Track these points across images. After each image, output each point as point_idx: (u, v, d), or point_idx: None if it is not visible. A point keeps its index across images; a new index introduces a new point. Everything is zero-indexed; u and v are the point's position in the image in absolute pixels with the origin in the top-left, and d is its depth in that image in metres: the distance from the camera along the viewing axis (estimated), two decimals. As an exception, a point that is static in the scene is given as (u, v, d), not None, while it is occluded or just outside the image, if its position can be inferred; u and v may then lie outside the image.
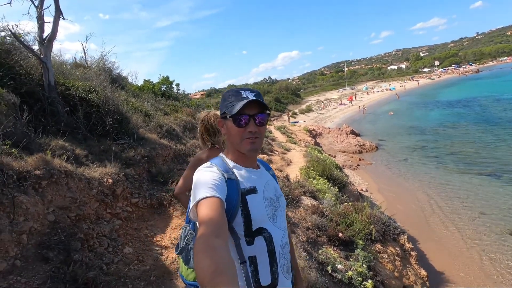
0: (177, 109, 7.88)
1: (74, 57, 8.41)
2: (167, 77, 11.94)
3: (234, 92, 1.12)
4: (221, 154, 1.19)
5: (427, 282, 3.79)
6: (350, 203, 4.43)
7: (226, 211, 0.95)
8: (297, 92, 58.68)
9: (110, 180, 2.85)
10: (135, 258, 2.28)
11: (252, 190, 1.08)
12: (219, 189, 0.98)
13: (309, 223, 3.54)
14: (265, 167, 1.27)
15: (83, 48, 8.51)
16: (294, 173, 5.70)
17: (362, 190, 11.00)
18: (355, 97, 50.72)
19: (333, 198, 4.49)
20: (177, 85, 12.63)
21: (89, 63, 8.10)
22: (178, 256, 1.34)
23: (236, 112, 1.05)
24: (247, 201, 1.04)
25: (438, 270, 6.25)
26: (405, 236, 4.09)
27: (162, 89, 10.39)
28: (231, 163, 1.13)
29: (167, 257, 2.45)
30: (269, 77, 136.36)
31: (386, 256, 3.67)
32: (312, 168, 6.18)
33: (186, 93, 16.87)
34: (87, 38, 8.70)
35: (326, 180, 5.67)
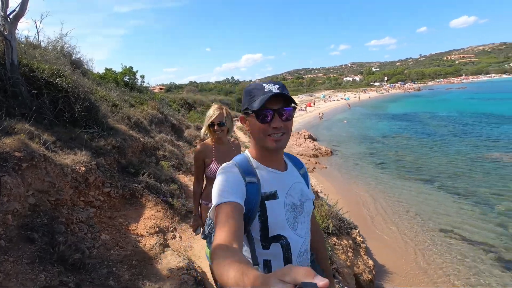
0: (142, 101, 7.66)
1: (26, 37, 7.68)
2: (131, 67, 11.46)
3: (257, 85, 1.06)
4: (246, 151, 1.14)
5: (373, 270, 4.32)
6: (310, 200, 4.81)
7: (244, 215, 0.94)
8: (259, 94, 59.46)
9: (83, 168, 2.79)
10: (114, 244, 2.29)
11: (273, 195, 1.03)
12: (238, 193, 0.95)
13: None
14: (296, 165, 1.22)
15: (36, 28, 7.82)
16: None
17: (318, 191, 11.73)
18: (314, 104, 53.31)
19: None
20: (142, 76, 12.18)
21: (44, 44, 7.46)
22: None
23: (259, 107, 0.99)
24: (266, 206, 1.00)
25: (380, 263, 7.01)
26: (357, 231, 4.59)
27: (125, 79, 9.95)
28: (254, 163, 1.08)
29: (145, 244, 2.50)
30: (232, 77, 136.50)
31: (341, 248, 4.10)
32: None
33: (149, 85, 16.29)
34: (41, 16, 8.01)
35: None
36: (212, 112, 2.25)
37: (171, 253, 2.42)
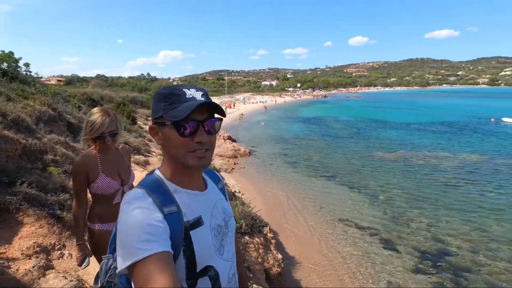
0: (27, 95, 6.37)
1: None
2: (11, 53, 9.41)
3: (175, 89, 0.88)
4: (157, 172, 0.93)
5: (282, 263, 4.65)
6: (225, 201, 4.85)
7: None
8: (178, 93, 57.19)
9: None
10: (-33, 276, 1.79)
11: (198, 222, 0.88)
12: (161, 237, 0.75)
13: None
14: (213, 179, 1.07)
15: None
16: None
17: (235, 192, 11.98)
18: (234, 105, 54.36)
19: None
20: (26, 65, 10.14)
21: None
22: None
23: (183, 116, 0.81)
24: (191, 237, 0.84)
25: (291, 254, 7.61)
26: (268, 228, 4.86)
27: (3, 67, 8.11)
28: (171, 186, 0.88)
29: (18, 270, 2.04)
30: (148, 74, 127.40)
31: (253, 245, 4.26)
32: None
33: (38, 76, 13.70)
34: None
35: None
36: (100, 120, 1.87)
37: (55, 276, 2.05)
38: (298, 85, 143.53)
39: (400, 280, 6.84)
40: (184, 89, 0.87)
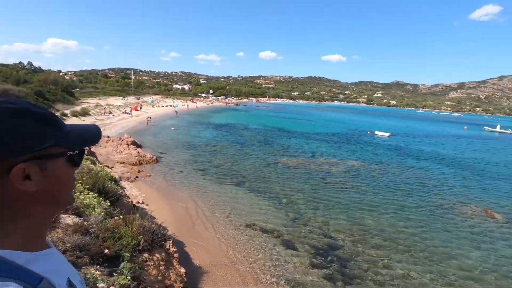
0: None
1: None
2: None
3: (46, 112, 0.67)
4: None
5: (185, 278, 4.44)
6: (121, 216, 4.34)
7: None
8: (70, 90, 49.32)
9: None
10: None
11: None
12: None
13: (68, 245, 3.11)
14: None
15: None
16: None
17: (138, 202, 10.95)
18: (141, 108, 50.24)
19: (102, 213, 4.20)
20: None
21: None
22: None
23: (95, 142, 0.73)
24: None
25: (197, 264, 7.39)
26: (171, 241, 4.57)
27: None
28: (21, 258, 0.62)
29: None
30: (30, 63, 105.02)
31: (152, 263, 3.92)
32: (80, 181, 5.45)
33: None
34: None
35: (97, 194, 5.20)
36: None
37: None
38: (211, 91, 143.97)
39: (298, 276, 7.50)
40: (38, 105, 0.71)
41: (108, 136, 21.72)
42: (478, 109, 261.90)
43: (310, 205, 12.65)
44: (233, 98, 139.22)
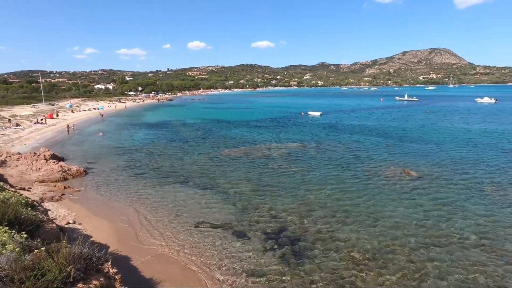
0: None
1: None
2: None
3: None
4: None
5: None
6: (43, 248, 3.73)
7: None
8: (-42, 103, 40.34)
9: None
10: None
11: None
12: None
13: (-30, 299, 2.53)
14: None
15: None
16: None
17: (69, 223, 9.72)
18: (57, 115, 44.09)
19: (16, 250, 3.55)
20: None
21: None
22: None
23: None
24: None
25: (148, 277, 6.94)
26: (109, 263, 4.13)
27: None
28: None
29: None
30: None
31: (90, 292, 3.49)
32: (-18, 215, 4.50)
33: None
34: None
35: (7, 227, 4.38)
36: None
37: None
38: (140, 88, 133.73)
39: (253, 265, 7.63)
40: None
41: (19, 153, 18.58)
42: (390, 82, 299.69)
43: (257, 192, 12.93)
44: (165, 94, 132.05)
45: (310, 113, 47.73)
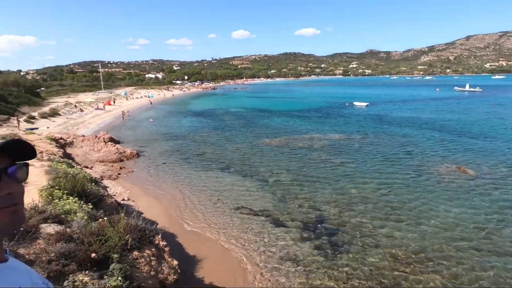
0: None
1: None
2: None
3: None
4: None
5: (178, 269, 4.49)
6: (105, 218, 4.27)
7: None
8: (35, 90, 46.41)
9: None
10: None
11: None
12: None
13: (52, 255, 3.04)
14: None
15: None
16: (29, 197, 4.57)
17: (124, 200, 10.79)
18: (114, 102, 48.30)
19: (85, 218, 4.11)
20: None
21: None
22: None
23: None
24: None
25: (190, 254, 7.49)
26: (159, 236, 4.57)
27: None
28: None
29: None
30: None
31: (143, 260, 3.93)
32: (57, 187, 5.25)
33: None
34: None
35: (77, 198, 5.06)
36: None
37: None
38: (186, 77, 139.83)
39: (289, 252, 7.77)
40: None
41: (83, 135, 20.87)
42: (448, 70, 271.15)
43: (296, 182, 12.93)
44: (209, 83, 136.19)
45: (355, 103, 45.59)
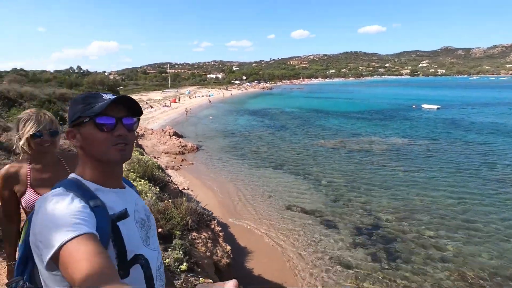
0: None
1: None
2: None
3: (92, 93, 0.95)
4: (73, 175, 0.93)
5: (231, 254, 4.76)
6: (170, 200, 4.74)
7: None
8: (115, 88, 53.07)
9: None
10: None
11: (124, 215, 0.91)
12: (88, 222, 0.76)
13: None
14: (128, 184, 1.11)
15: None
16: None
17: (184, 189, 11.70)
18: (179, 100, 52.40)
19: (153, 198, 4.63)
20: None
21: None
22: None
23: (98, 112, 0.86)
24: (119, 228, 0.87)
25: (241, 244, 7.80)
26: (215, 221, 4.90)
27: None
28: (91, 185, 0.90)
29: None
30: (79, 67, 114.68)
31: (200, 241, 4.27)
32: (132, 170, 6.01)
33: None
34: None
35: (147, 181, 5.72)
36: (35, 119, 1.64)
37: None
38: (244, 77, 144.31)
39: (340, 255, 7.53)
40: (100, 93, 0.94)
41: (152, 129, 23.17)
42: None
43: (352, 186, 12.39)
44: (266, 83, 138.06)
45: (424, 105, 41.42)
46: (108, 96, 0.92)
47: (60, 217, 0.74)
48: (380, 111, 39.02)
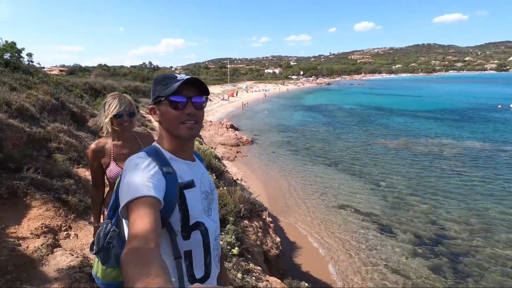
0: (30, 85, 6.47)
1: None
2: (13, 43, 9.46)
3: (169, 74, 1.07)
4: (155, 144, 1.09)
5: (280, 246, 4.82)
6: (225, 188, 4.98)
7: (164, 207, 0.90)
8: (180, 82, 57.07)
9: None
10: (-20, 252, 1.93)
11: (190, 184, 1.02)
12: (156, 186, 0.88)
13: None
14: (199, 159, 1.23)
15: None
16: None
17: (238, 179, 12.14)
18: (236, 94, 54.13)
19: (210, 184, 4.93)
20: (29, 55, 10.23)
21: None
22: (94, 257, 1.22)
23: (172, 92, 0.99)
24: (185, 196, 0.99)
25: (290, 238, 7.81)
26: (266, 212, 5.00)
27: (5, 57, 8.20)
28: (167, 154, 1.04)
29: (27, 247, 2.19)
30: (150, 63, 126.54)
31: (252, 229, 4.41)
32: (192, 157, 6.49)
33: (40, 66, 13.81)
34: None
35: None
36: (117, 101, 1.91)
37: (62, 253, 2.19)
38: (301, 72, 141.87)
39: (396, 264, 7.01)
40: (175, 74, 1.07)
41: (211, 121, 24.45)
42: None
43: (414, 191, 11.35)
44: (324, 78, 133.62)
45: (512, 106, 35.40)
46: (181, 77, 1.04)
47: (136, 177, 0.89)
48: (455, 110, 34.63)
